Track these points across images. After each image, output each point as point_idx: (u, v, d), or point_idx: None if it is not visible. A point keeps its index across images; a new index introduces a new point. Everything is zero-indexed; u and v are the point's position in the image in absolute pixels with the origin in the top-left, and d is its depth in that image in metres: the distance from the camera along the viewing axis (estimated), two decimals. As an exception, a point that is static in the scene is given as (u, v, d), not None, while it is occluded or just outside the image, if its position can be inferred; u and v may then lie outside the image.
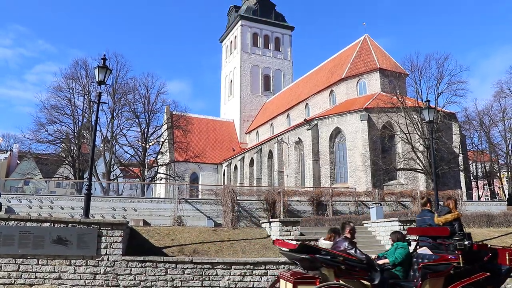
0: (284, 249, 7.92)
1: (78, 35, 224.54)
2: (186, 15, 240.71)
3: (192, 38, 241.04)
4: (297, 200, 32.13)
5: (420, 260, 8.45)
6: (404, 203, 32.88)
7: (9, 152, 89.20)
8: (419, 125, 39.32)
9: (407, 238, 9.63)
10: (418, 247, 9.14)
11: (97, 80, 17.56)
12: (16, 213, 26.13)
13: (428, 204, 9.88)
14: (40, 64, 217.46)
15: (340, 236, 8.59)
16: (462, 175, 42.74)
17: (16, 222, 12.41)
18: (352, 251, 7.83)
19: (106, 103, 45.93)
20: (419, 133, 39.35)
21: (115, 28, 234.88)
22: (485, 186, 61.52)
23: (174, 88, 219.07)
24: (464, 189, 40.81)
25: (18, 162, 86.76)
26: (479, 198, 57.07)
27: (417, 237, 9.42)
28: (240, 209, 29.60)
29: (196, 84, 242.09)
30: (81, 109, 49.61)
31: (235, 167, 68.40)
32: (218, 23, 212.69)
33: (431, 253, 8.48)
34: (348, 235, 8.42)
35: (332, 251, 7.74)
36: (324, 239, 9.03)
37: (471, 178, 53.09)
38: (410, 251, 8.98)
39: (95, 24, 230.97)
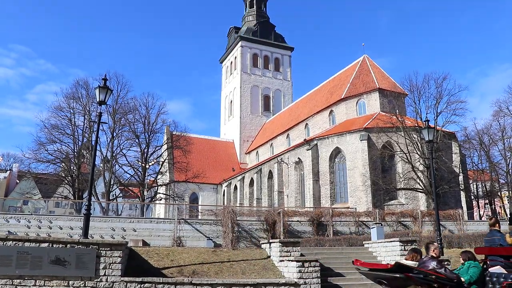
0: (364, 269, 8.15)
1: (79, 55, 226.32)
2: (187, 35, 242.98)
3: (193, 58, 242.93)
4: (297, 221, 31.97)
5: (495, 279, 8.58)
6: (405, 223, 32.72)
7: (8, 172, 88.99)
8: (419, 144, 39.34)
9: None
10: (486, 266, 9.25)
11: (97, 100, 17.64)
12: (14, 233, 25.95)
13: (497, 224, 10.36)
14: (41, 83, 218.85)
15: (425, 256, 8.89)
16: (462, 194, 42.60)
17: (14, 242, 12.30)
18: (442, 270, 8.11)
19: (107, 123, 46.06)
20: (419, 153, 39.34)
21: (116, 48, 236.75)
22: (486, 206, 61.23)
23: (174, 108, 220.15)
24: (465, 208, 40.63)
25: (18, 181, 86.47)
26: (480, 217, 56.72)
27: (485, 256, 9.53)
28: (240, 229, 29.45)
29: (196, 104, 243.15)
30: (82, 128, 49.70)
31: (235, 187, 68.22)
32: (218, 44, 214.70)
33: (506, 272, 8.58)
34: (434, 254, 8.80)
35: (424, 270, 7.97)
36: (405, 259, 9.21)
37: (472, 197, 52.87)
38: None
39: (96, 44, 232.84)
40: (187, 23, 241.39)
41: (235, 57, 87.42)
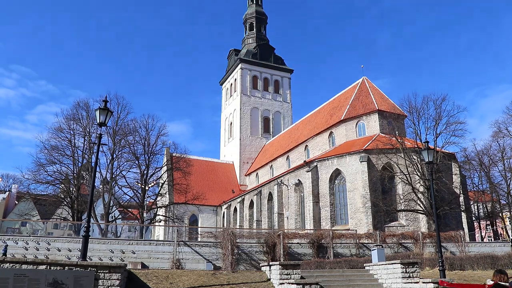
0: None
1: (80, 76, 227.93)
2: (188, 57, 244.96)
3: (193, 80, 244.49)
4: (297, 243, 31.73)
5: None
6: (406, 244, 32.44)
7: (7, 193, 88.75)
8: (419, 166, 39.28)
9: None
10: None
11: (98, 121, 17.70)
12: (11, 255, 25.71)
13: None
14: (42, 104, 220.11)
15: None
16: (463, 215, 42.35)
17: (11, 265, 12.17)
18: None
19: (106, 144, 46.12)
20: (419, 174, 39.25)
21: (117, 69, 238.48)
22: (487, 227, 60.89)
23: (174, 129, 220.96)
24: (466, 230, 40.33)
25: (16, 202, 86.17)
26: (482, 239, 56.41)
27: None
28: (239, 252, 29.21)
29: (196, 126, 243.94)
30: (81, 150, 49.67)
31: (235, 209, 67.90)
32: (219, 66, 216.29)
33: None
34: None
35: None
36: (492, 281, 9.35)
37: (473, 218, 52.58)
38: None
39: (97, 66, 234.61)
40: (188, 45, 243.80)
41: (235, 79, 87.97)
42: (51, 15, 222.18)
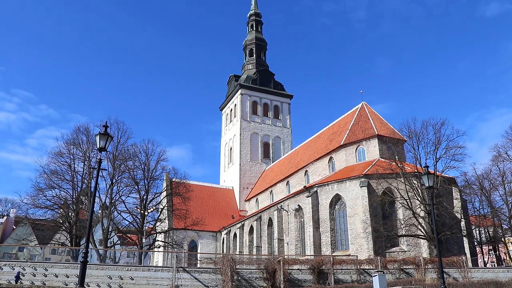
0: None
1: (81, 101, 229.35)
2: (188, 83, 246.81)
3: (193, 105, 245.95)
4: (298, 269, 31.47)
5: None
6: (408, 270, 32.15)
7: (5, 217, 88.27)
8: (419, 190, 39.13)
9: None
10: None
11: (98, 146, 17.75)
12: (7, 281, 25.42)
13: None
14: (42, 128, 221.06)
15: None
16: (465, 240, 41.98)
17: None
18: None
19: (106, 169, 46.18)
20: (419, 199, 39.07)
21: (118, 94, 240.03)
22: (490, 252, 60.30)
23: (174, 154, 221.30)
24: (468, 255, 39.95)
25: (14, 227, 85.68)
26: (485, 264, 55.79)
27: None
28: (239, 278, 28.95)
29: (196, 150, 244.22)
30: (81, 174, 49.61)
31: (235, 235, 67.38)
32: (219, 91, 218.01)
33: None
34: None
35: None
36: None
37: (475, 243, 52.10)
38: None
39: (98, 90, 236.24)
40: (188, 71, 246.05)
41: (235, 105, 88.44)
42: (52, 40, 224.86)
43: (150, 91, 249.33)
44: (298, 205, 51.48)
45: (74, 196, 48.81)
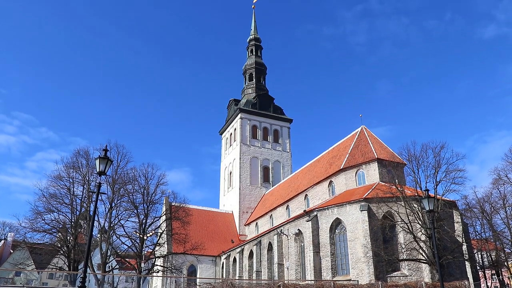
0: None
1: (81, 124, 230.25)
2: (188, 106, 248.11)
3: (193, 129, 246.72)
4: (298, 294, 31.07)
5: None
6: (409, 295, 31.76)
7: (3, 241, 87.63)
8: (420, 214, 38.88)
9: None
10: None
11: (97, 170, 17.77)
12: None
13: None
14: (42, 151, 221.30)
15: None
16: (467, 264, 41.51)
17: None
18: None
19: (106, 193, 46.03)
20: (420, 222, 38.79)
21: (119, 117, 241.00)
22: (493, 276, 59.62)
23: (174, 178, 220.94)
24: (471, 279, 39.49)
25: (11, 251, 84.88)
26: (488, 289, 55.08)
27: None
28: (239, 303, 28.56)
29: (196, 174, 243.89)
30: (80, 198, 49.49)
31: (234, 259, 66.75)
32: (219, 115, 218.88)
33: None
34: None
35: None
36: None
37: (478, 267, 51.54)
38: None
39: (98, 113, 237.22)
40: (188, 94, 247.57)
41: (235, 129, 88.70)
42: (54, 62, 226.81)
43: (150, 114, 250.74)
44: (298, 229, 51.17)
45: (72, 220, 48.58)
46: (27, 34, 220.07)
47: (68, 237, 48.49)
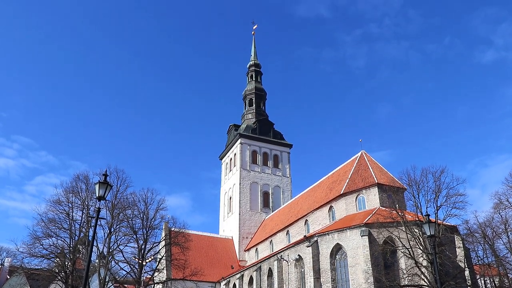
0: None
1: (80, 147, 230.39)
2: (188, 132, 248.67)
3: (193, 154, 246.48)
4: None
5: None
6: (412, 322, 31.30)
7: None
8: (421, 239, 38.55)
9: None
10: None
11: (97, 195, 17.78)
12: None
13: None
14: (41, 175, 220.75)
15: None
16: (470, 291, 41.03)
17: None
18: None
19: (105, 218, 45.84)
20: (421, 248, 38.44)
21: (118, 141, 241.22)
22: (497, 303, 58.59)
23: (173, 202, 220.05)
24: (474, 306, 38.99)
25: (8, 277, 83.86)
26: (494, 317, 54.16)
27: None
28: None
29: (196, 199, 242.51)
30: (79, 223, 49.11)
31: (234, 285, 66.01)
32: (218, 140, 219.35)
33: None
34: None
35: None
36: None
37: (481, 294, 50.77)
38: None
39: (98, 136, 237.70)
40: (188, 119, 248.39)
41: (235, 154, 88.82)
42: (53, 84, 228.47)
43: (150, 138, 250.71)
44: (298, 255, 50.77)
45: (71, 245, 48.15)
46: (27, 54, 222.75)
47: (66, 263, 47.99)
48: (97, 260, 49.56)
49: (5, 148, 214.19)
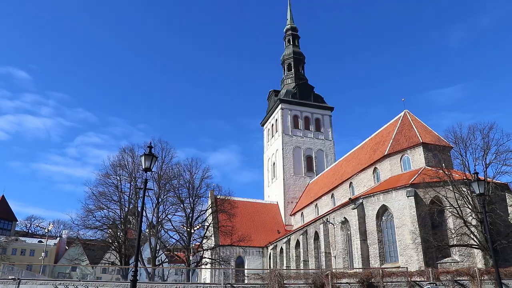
0: None
1: (118, 105, 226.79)
2: (230, 98, 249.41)
3: (235, 122, 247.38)
4: (347, 283, 31.01)
5: None
6: (462, 282, 31.04)
7: (58, 238, 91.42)
8: (470, 198, 37.59)
9: None
10: None
11: (143, 167, 18.18)
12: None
13: None
14: (80, 135, 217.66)
15: None
16: (524, 249, 39.90)
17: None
18: None
19: (152, 189, 47.12)
20: (470, 207, 37.48)
21: (159, 105, 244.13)
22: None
23: (220, 159, 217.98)
24: (528, 265, 38.00)
25: (67, 248, 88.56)
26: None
27: None
28: (287, 293, 28.71)
29: (244, 153, 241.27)
30: (128, 195, 50.78)
31: (281, 249, 67.03)
32: (259, 107, 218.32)
33: None
34: None
35: None
36: None
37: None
38: None
39: (137, 95, 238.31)
40: (229, 86, 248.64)
41: (276, 120, 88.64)
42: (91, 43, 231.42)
43: (193, 106, 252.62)
44: (344, 217, 50.79)
45: (122, 216, 49.99)
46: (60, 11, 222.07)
47: (119, 233, 49.98)
48: (147, 230, 51.35)
49: (41, 107, 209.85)
